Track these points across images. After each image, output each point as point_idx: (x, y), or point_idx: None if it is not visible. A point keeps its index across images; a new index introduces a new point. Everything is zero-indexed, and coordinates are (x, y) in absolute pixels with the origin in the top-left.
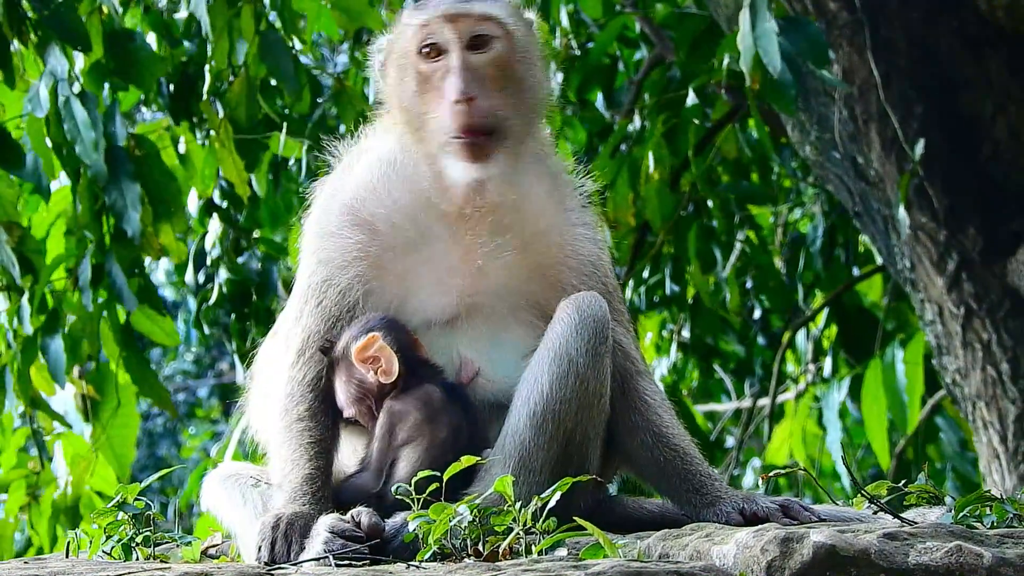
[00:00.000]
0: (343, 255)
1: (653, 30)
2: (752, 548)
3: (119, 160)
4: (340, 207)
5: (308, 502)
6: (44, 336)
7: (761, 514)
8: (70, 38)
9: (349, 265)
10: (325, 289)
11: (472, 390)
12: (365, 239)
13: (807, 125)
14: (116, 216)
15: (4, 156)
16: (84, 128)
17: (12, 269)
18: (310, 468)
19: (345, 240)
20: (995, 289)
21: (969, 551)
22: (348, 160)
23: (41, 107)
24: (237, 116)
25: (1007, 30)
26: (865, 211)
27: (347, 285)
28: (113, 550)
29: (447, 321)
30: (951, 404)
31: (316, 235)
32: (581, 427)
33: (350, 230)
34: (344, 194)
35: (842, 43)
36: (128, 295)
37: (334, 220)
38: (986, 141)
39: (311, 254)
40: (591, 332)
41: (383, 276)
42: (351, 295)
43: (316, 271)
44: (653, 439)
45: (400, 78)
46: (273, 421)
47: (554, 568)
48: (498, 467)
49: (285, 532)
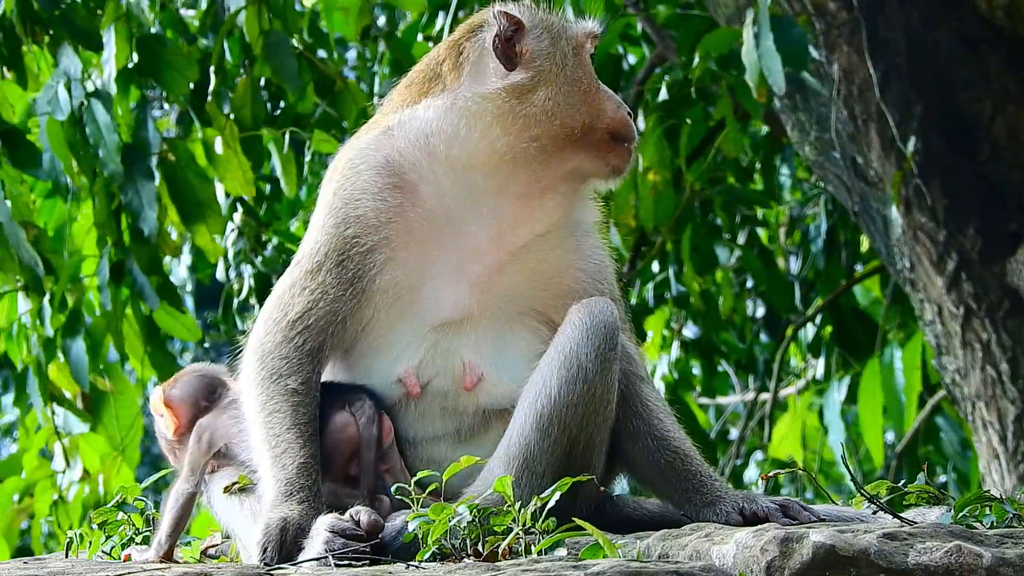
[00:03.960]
0: (377, 215)
1: (655, 30)
2: (752, 548)
3: (135, 160)
4: (379, 168)
5: (306, 497)
6: (65, 337)
7: (761, 514)
8: (81, 38)
9: (382, 227)
10: (350, 248)
11: (475, 396)
12: (405, 203)
13: (807, 125)
14: (132, 215)
15: (18, 156)
16: (106, 131)
17: (36, 268)
18: (305, 455)
19: (382, 201)
20: (994, 289)
21: (969, 551)
22: (384, 126)
23: (61, 109)
24: (242, 116)
25: (1006, 30)
26: (864, 211)
27: (373, 246)
28: (113, 550)
29: (455, 322)
30: (950, 404)
31: (346, 194)
32: (586, 432)
33: (390, 192)
34: (384, 156)
35: (841, 43)
36: (150, 293)
37: (372, 180)
38: (985, 141)
39: (337, 211)
40: (601, 338)
41: (409, 246)
42: (375, 259)
43: (341, 229)
44: (655, 443)
45: (565, 62)
46: (260, 385)
47: (553, 568)
48: (501, 468)
49: (295, 537)
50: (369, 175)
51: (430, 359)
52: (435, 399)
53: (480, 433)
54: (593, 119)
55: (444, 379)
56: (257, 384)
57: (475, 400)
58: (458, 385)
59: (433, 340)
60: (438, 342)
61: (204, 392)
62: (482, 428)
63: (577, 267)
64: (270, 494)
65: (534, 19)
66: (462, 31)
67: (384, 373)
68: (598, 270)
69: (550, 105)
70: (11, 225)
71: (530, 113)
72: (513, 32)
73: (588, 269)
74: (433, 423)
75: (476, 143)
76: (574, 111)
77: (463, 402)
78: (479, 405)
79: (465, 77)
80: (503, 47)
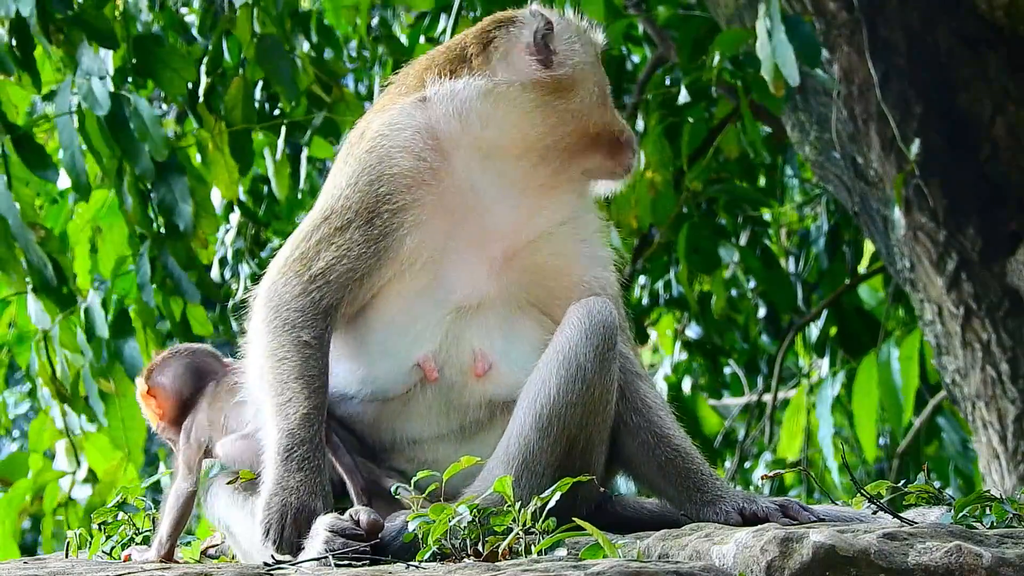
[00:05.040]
0: (415, 174)
1: (656, 31)
2: (752, 548)
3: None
4: (420, 129)
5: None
6: (116, 339)
7: (760, 514)
8: (98, 37)
9: (415, 187)
10: (380, 205)
11: (483, 384)
12: (441, 169)
13: (807, 125)
14: (166, 211)
15: (28, 158)
16: (152, 125)
17: (45, 270)
18: (309, 406)
19: (421, 160)
20: (994, 289)
21: (969, 551)
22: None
23: (99, 104)
24: (233, 118)
25: (1006, 30)
26: (865, 211)
27: (405, 206)
28: (113, 550)
29: (470, 307)
30: (951, 404)
31: (383, 152)
32: (586, 432)
33: (431, 152)
34: (425, 119)
35: (841, 43)
36: (189, 287)
37: (412, 138)
38: (985, 141)
39: (371, 168)
40: (600, 338)
41: (438, 214)
42: (404, 219)
43: (375, 187)
44: (655, 440)
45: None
46: (271, 334)
47: (553, 568)
48: (501, 468)
49: (295, 519)
50: (409, 133)
51: (445, 345)
52: (443, 388)
53: (484, 429)
54: (610, 121)
55: (455, 367)
56: (268, 333)
57: (483, 389)
58: (468, 374)
59: (448, 325)
60: (452, 328)
61: (190, 378)
62: (487, 423)
63: (583, 263)
64: (272, 445)
65: (566, 22)
66: (489, 23)
67: (403, 355)
68: (602, 266)
69: (583, 105)
70: (20, 227)
71: (566, 109)
72: (548, 31)
73: (593, 265)
74: (438, 417)
75: (511, 129)
76: (601, 112)
77: (470, 392)
78: (486, 395)
79: (496, 65)
80: (541, 44)
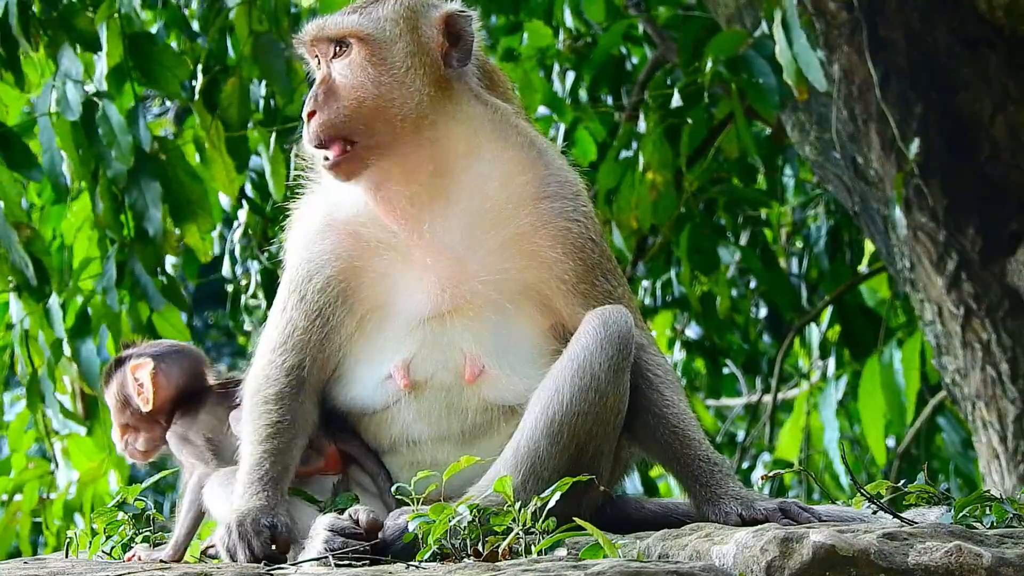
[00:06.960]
0: (321, 256)
1: (656, 31)
2: (752, 548)
3: (138, 160)
4: (321, 214)
5: (257, 491)
6: (75, 339)
7: (760, 515)
8: (80, 39)
9: (328, 264)
10: (306, 284)
11: (477, 389)
12: (345, 242)
13: (807, 125)
14: (137, 216)
15: (12, 157)
16: (120, 131)
17: (26, 270)
18: (259, 452)
19: (325, 242)
20: (994, 289)
21: (969, 551)
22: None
23: (71, 110)
24: (228, 117)
25: (1006, 30)
26: (865, 211)
27: (325, 283)
28: (113, 550)
29: (443, 314)
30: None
31: (301, 236)
32: (595, 441)
33: (331, 233)
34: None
35: (841, 43)
36: (154, 294)
37: (316, 225)
38: (985, 141)
39: (296, 252)
40: (615, 348)
41: (361, 275)
42: (330, 291)
43: (300, 268)
44: (655, 420)
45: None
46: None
47: (554, 568)
48: (508, 471)
49: (238, 532)
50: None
51: (427, 353)
52: (438, 395)
53: (484, 434)
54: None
55: (445, 373)
56: (246, 402)
57: (478, 394)
58: (460, 379)
59: (425, 334)
60: (433, 335)
61: (191, 376)
62: (487, 428)
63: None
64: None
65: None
66: None
67: (373, 376)
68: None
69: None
70: (3, 227)
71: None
72: None
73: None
74: (437, 422)
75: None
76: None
77: (466, 397)
78: (482, 399)
79: None
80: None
